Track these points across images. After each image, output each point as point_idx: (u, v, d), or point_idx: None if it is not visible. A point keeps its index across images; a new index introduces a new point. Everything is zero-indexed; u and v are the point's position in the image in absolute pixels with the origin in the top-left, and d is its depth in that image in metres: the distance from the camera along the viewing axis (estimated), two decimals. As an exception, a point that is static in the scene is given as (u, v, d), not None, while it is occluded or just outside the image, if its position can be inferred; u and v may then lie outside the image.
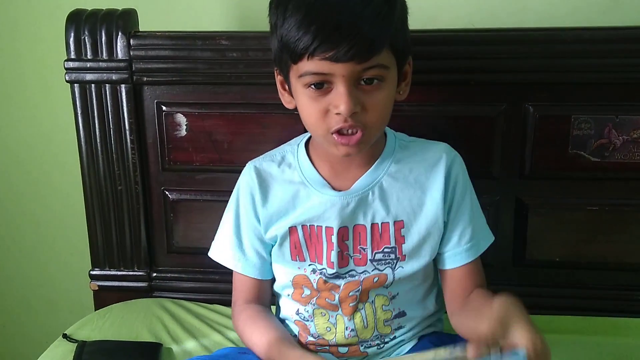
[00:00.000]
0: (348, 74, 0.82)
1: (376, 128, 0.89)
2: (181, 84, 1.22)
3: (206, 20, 1.37)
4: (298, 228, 0.97)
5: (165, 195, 1.29)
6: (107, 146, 1.25)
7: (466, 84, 1.18)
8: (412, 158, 0.98)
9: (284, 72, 0.90)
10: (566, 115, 1.17)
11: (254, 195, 1.00)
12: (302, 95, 0.87)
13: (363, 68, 0.83)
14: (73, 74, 1.22)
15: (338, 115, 0.85)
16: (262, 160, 1.02)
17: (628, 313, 1.22)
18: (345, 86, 0.83)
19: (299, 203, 0.97)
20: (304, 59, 0.83)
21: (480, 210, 1.02)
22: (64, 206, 1.54)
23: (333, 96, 0.84)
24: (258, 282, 1.03)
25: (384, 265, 0.97)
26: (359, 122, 0.85)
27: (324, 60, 0.81)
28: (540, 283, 1.25)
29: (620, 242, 1.22)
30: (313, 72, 0.83)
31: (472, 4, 1.28)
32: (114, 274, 1.32)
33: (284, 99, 0.95)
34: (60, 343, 1.15)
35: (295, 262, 0.99)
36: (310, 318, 1.00)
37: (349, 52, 0.80)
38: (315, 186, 0.97)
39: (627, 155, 1.18)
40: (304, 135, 1.03)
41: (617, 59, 1.13)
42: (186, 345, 1.14)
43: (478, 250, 0.98)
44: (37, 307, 1.66)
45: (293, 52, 0.83)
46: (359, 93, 0.85)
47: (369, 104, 0.85)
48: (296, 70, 0.86)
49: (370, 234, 0.96)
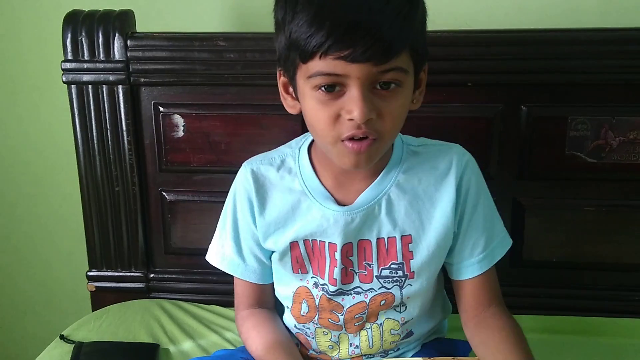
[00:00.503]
0: (364, 76, 0.75)
1: (389, 137, 0.82)
2: (178, 85, 1.22)
3: (203, 21, 1.36)
4: (300, 243, 0.92)
5: (163, 196, 1.29)
6: (104, 147, 1.25)
7: (463, 85, 1.18)
8: (422, 167, 0.91)
9: (289, 73, 0.82)
10: (563, 117, 1.17)
11: (252, 201, 0.94)
12: (311, 98, 0.79)
13: (380, 71, 0.75)
14: (70, 75, 1.22)
15: (350, 122, 0.77)
16: (259, 163, 0.96)
17: (626, 313, 1.22)
18: (359, 90, 0.75)
19: (299, 215, 0.91)
20: (316, 58, 0.75)
21: (495, 213, 0.95)
22: (61, 207, 1.54)
23: (345, 100, 0.77)
24: (259, 287, 0.99)
25: (392, 283, 0.91)
26: (373, 130, 0.78)
27: (338, 60, 0.74)
28: (538, 284, 1.25)
29: (617, 243, 1.23)
30: (325, 73, 0.76)
31: (468, 5, 1.28)
32: (111, 274, 1.32)
33: (287, 103, 0.88)
34: (57, 344, 1.14)
35: (297, 274, 0.94)
36: (312, 335, 0.97)
37: (367, 52, 0.73)
38: (318, 198, 0.90)
39: (623, 156, 1.18)
40: (305, 137, 0.97)
41: (614, 60, 1.14)
42: (183, 346, 1.14)
43: (492, 261, 0.93)
44: (35, 308, 1.66)
45: (303, 50, 0.75)
46: (374, 98, 0.77)
47: (385, 111, 0.78)
48: (305, 71, 0.78)
49: (376, 249, 0.90)
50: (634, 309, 1.23)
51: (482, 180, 0.94)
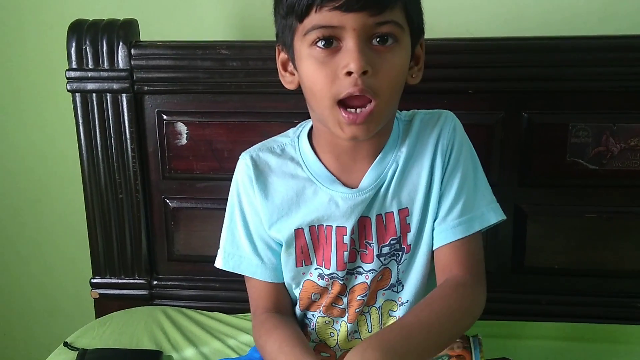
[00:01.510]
0: (359, 26, 0.76)
1: (386, 101, 0.81)
2: (182, 93, 1.23)
3: (206, 30, 1.37)
4: (305, 230, 0.91)
5: (166, 204, 1.29)
6: (108, 155, 1.25)
7: (464, 92, 1.18)
8: (415, 138, 0.91)
9: (288, 42, 0.83)
10: (564, 123, 1.18)
11: (254, 187, 0.92)
12: (308, 58, 0.80)
13: (376, 22, 0.77)
14: (74, 83, 1.23)
15: (347, 78, 0.77)
16: (258, 151, 0.95)
17: (628, 320, 1.21)
18: (356, 41, 0.76)
19: (304, 201, 0.90)
20: (312, 13, 0.77)
21: (480, 183, 0.92)
22: (65, 214, 1.55)
23: (342, 55, 0.77)
24: (275, 287, 0.95)
25: (389, 258, 0.91)
26: (370, 88, 0.77)
27: (334, 10, 0.75)
28: (539, 290, 1.25)
29: (619, 249, 1.23)
30: (321, 26, 0.77)
31: (468, 12, 1.29)
32: (114, 281, 1.32)
33: (285, 80, 0.89)
34: (61, 351, 1.15)
35: (301, 267, 0.93)
36: (313, 325, 0.97)
37: (361, 0, 0.74)
38: (324, 183, 0.90)
39: (624, 163, 1.18)
40: (302, 126, 0.97)
41: (614, 67, 1.14)
42: (186, 353, 1.14)
43: (468, 230, 0.88)
44: (38, 315, 1.66)
45: (299, 6, 0.77)
46: (371, 53, 0.78)
47: (382, 66, 0.78)
48: (302, 30, 0.79)
49: (375, 226, 0.90)
50: (636, 316, 1.22)
51: (467, 147, 0.92)
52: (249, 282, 0.97)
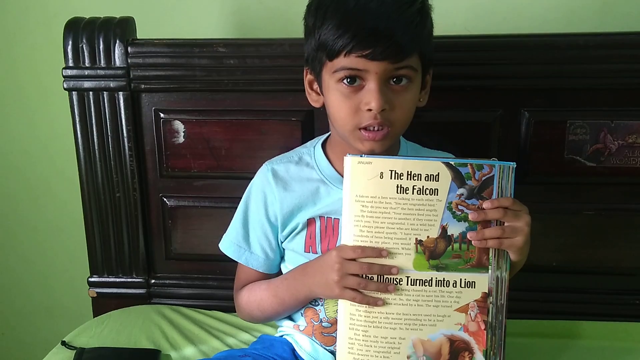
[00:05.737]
0: (381, 71, 0.88)
1: (400, 126, 0.94)
2: (179, 91, 1.23)
3: (203, 27, 1.37)
4: (316, 219, 1.01)
5: (164, 202, 1.29)
6: (105, 153, 1.25)
7: (462, 90, 1.18)
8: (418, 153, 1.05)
9: (316, 70, 0.96)
10: (562, 121, 1.18)
11: (267, 195, 1.03)
12: (334, 91, 0.92)
13: (394, 68, 0.89)
14: (71, 81, 1.22)
15: (368, 113, 0.90)
16: (279, 162, 1.06)
17: (626, 317, 1.22)
18: (377, 83, 0.89)
19: (319, 199, 1.01)
20: (341, 56, 0.89)
21: None
22: (62, 213, 1.55)
23: (364, 93, 0.90)
24: (263, 275, 1.06)
25: None
26: (387, 120, 0.90)
27: (360, 57, 0.87)
28: (537, 288, 1.25)
29: (617, 247, 1.23)
30: (348, 67, 0.89)
31: (467, 10, 1.29)
32: (112, 280, 1.32)
33: (311, 98, 1.01)
34: (58, 350, 1.15)
35: (308, 253, 1.02)
36: (320, 302, 1.01)
37: (384, 52, 0.87)
38: (335, 183, 1.01)
39: (622, 160, 1.18)
40: (318, 139, 1.07)
41: (612, 64, 1.14)
42: (184, 351, 1.14)
43: None
44: (36, 314, 1.66)
45: (331, 49, 0.89)
46: (388, 92, 0.90)
47: (397, 103, 0.91)
48: (331, 67, 0.91)
49: None
50: (634, 313, 1.23)
51: None
52: (243, 267, 1.07)
